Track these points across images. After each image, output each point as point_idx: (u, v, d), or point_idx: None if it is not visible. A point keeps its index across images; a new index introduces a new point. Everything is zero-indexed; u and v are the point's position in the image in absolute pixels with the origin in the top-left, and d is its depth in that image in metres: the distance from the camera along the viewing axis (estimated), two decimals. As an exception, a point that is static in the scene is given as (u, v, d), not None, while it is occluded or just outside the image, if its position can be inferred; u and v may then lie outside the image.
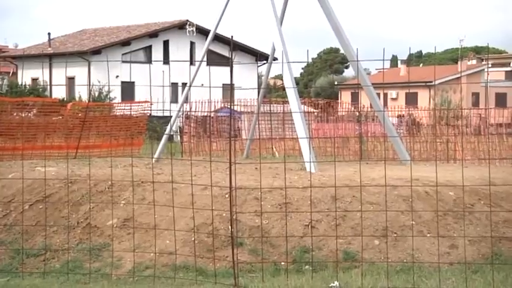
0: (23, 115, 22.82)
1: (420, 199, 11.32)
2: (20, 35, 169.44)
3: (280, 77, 18.08)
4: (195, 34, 52.87)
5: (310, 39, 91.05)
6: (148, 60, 53.46)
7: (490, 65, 67.20)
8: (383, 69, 42.54)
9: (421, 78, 62.91)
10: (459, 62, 69.87)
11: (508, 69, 67.72)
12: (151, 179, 10.85)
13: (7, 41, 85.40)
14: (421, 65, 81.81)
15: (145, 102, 23.33)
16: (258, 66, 56.39)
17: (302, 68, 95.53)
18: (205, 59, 17.73)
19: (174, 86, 45.05)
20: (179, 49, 53.91)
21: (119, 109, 26.04)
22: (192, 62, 47.19)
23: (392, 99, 62.26)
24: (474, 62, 72.45)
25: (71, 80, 52.30)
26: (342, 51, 18.53)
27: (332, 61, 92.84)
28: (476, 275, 9.27)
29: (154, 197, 10.62)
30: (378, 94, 18.44)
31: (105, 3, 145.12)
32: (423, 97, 62.47)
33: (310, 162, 13.62)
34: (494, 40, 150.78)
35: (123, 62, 51.00)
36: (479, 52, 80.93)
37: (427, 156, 20.89)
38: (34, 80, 54.33)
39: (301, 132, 14.64)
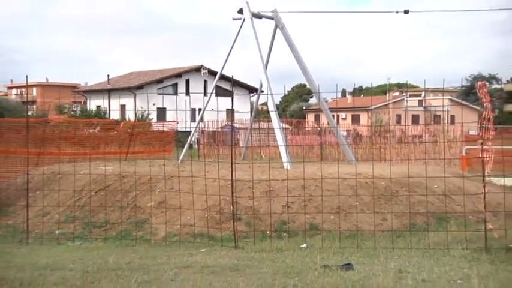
0: (90, 131, 22.81)
1: (362, 187, 11.37)
2: (89, 76, 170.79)
3: (266, 104, 18.10)
4: (207, 75, 52.94)
5: (286, 77, 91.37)
6: (175, 93, 53.49)
7: (408, 96, 67.63)
8: (336, 98, 42.72)
9: (362, 105, 63.46)
10: (387, 94, 70.39)
11: (420, 98, 67.88)
12: (178, 174, 10.88)
13: (79, 80, 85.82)
14: (361, 95, 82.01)
15: (173, 121, 23.34)
16: (251, 97, 56.42)
17: (281, 98, 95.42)
18: (214, 91, 17.71)
19: (193, 110, 44.96)
20: (196, 85, 53.96)
21: (155, 126, 26.07)
22: (205, 93, 47.12)
23: (343, 119, 62.69)
24: (397, 93, 72.86)
25: (122, 107, 52.25)
26: (308, 86, 18.58)
27: (301, 93, 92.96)
28: (399, 238, 9.32)
29: (179, 187, 10.63)
30: (333, 115, 18.44)
31: (146, 55, 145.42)
32: (363, 117, 62.91)
33: (286, 162, 13.65)
34: (411, 78, 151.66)
35: (158, 94, 50.98)
36: (401, 86, 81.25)
37: (366, 158, 20.91)
38: (98, 106, 54.43)
39: (280, 141, 14.66)
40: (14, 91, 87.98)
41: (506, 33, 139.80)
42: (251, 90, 51.95)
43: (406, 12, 15.71)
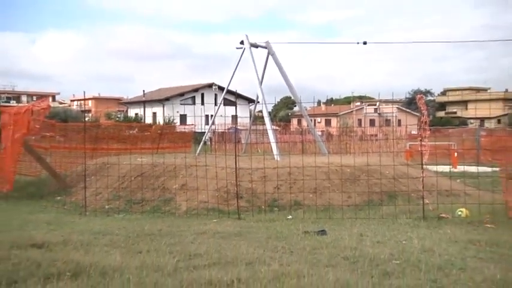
0: (130, 132, 22.75)
1: (333, 173, 11.33)
2: (129, 91, 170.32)
3: (261, 111, 18.09)
4: (217, 90, 52.76)
5: (276, 91, 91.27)
6: (193, 103, 53.37)
7: (366, 105, 67.67)
8: (314, 107, 42.90)
9: (332, 112, 63.58)
10: (351, 103, 70.36)
11: (375, 107, 67.80)
12: (195, 164, 10.86)
13: (122, 94, 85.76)
14: (332, 105, 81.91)
15: (192, 125, 23.29)
16: (250, 106, 56.29)
17: (272, 106, 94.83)
18: (222, 102, 17.68)
19: (206, 116, 44.88)
20: (209, 98, 53.89)
21: (178, 129, 26.02)
22: (215, 103, 47.12)
23: (318, 122, 62.61)
24: (359, 103, 72.82)
25: (154, 114, 52.26)
26: (292, 97, 18.55)
27: (287, 102, 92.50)
28: (361, 211, 9.32)
29: (197, 173, 10.62)
30: (311, 120, 18.42)
31: (171, 75, 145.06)
32: (334, 121, 62.84)
33: (276, 155, 13.63)
34: (369, 91, 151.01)
35: (181, 104, 50.97)
36: (362, 98, 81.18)
37: (336, 151, 20.88)
38: (136, 114, 54.38)
39: (272, 139, 14.64)
40: (75, 103, 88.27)
41: (437, 59, 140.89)
42: (250, 101, 51.84)
43: (365, 43, 15.80)
